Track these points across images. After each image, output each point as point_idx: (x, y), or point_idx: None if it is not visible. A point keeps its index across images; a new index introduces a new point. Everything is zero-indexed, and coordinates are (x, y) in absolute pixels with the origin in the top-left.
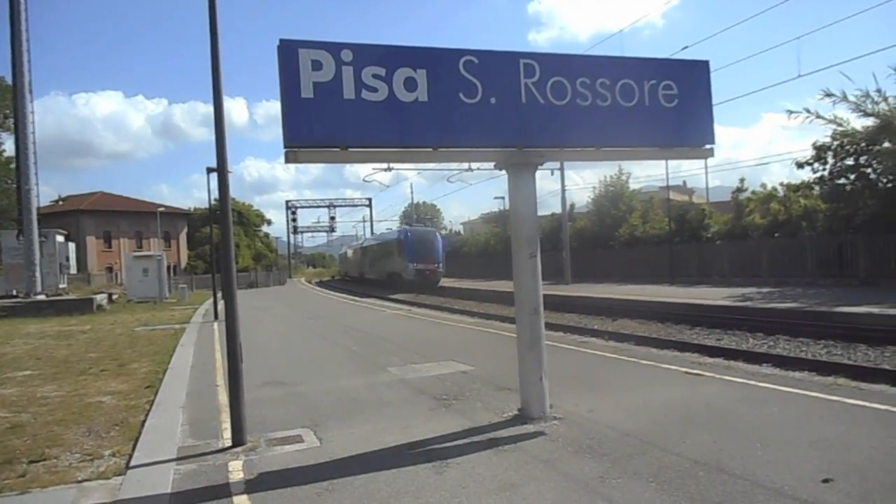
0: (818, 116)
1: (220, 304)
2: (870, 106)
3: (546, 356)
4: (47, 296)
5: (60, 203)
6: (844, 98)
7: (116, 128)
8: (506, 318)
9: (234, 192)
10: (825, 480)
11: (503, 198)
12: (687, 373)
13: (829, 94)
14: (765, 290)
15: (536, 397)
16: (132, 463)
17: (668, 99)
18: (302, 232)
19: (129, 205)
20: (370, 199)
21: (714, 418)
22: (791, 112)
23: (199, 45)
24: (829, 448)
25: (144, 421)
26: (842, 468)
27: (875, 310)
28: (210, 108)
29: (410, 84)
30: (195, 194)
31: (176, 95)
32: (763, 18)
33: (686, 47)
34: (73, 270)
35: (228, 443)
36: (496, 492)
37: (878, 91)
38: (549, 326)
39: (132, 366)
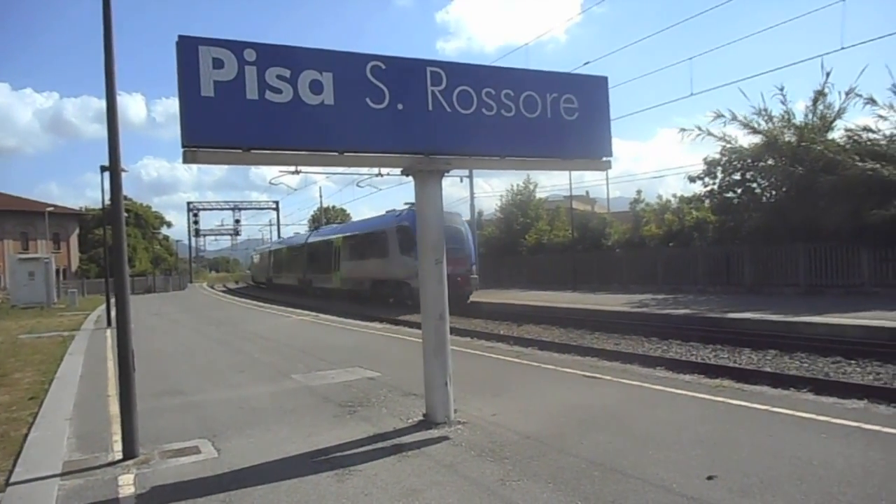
0: (709, 134)
1: (114, 310)
2: (762, 123)
3: (451, 361)
4: None
5: None
6: (734, 118)
7: (1, 122)
8: (413, 323)
9: (130, 193)
10: (709, 477)
11: (413, 203)
12: (586, 376)
13: (719, 115)
14: (660, 296)
15: (441, 402)
16: (12, 479)
17: (569, 112)
18: (205, 235)
19: (14, 204)
20: (277, 203)
21: (610, 420)
22: (684, 130)
23: (95, 35)
24: (714, 446)
25: (27, 434)
26: (725, 465)
27: (758, 316)
28: (104, 103)
29: (316, 86)
30: (88, 194)
31: (68, 89)
32: (659, 38)
33: (587, 63)
34: None
35: (119, 456)
36: (398, 498)
37: (765, 110)
38: (456, 332)
39: (15, 376)
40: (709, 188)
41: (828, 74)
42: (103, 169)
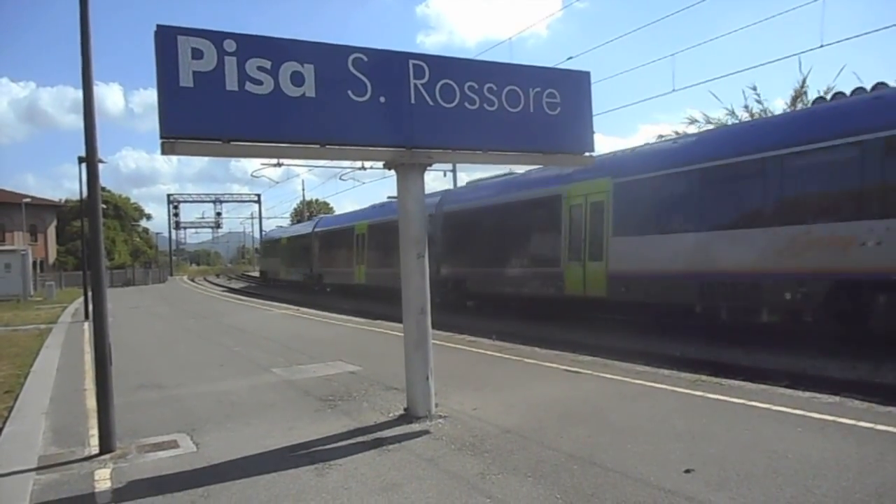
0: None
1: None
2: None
3: (433, 355)
4: None
5: None
6: (708, 122)
7: None
8: (395, 317)
9: (109, 184)
10: (687, 471)
11: (396, 197)
12: (567, 371)
13: (693, 121)
14: None
15: (422, 396)
16: None
17: (552, 107)
18: (185, 227)
19: None
20: (259, 195)
21: (590, 414)
22: (661, 137)
23: (72, 24)
24: (692, 440)
25: (2, 428)
26: (702, 459)
27: None
28: (81, 94)
29: (297, 78)
30: (66, 185)
31: (44, 78)
32: (641, 34)
33: (570, 58)
34: None
35: (96, 450)
36: (378, 492)
37: (745, 108)
38: (439, 325)
39: None
40: None
41: (805, 77)
42: (80, 160)
